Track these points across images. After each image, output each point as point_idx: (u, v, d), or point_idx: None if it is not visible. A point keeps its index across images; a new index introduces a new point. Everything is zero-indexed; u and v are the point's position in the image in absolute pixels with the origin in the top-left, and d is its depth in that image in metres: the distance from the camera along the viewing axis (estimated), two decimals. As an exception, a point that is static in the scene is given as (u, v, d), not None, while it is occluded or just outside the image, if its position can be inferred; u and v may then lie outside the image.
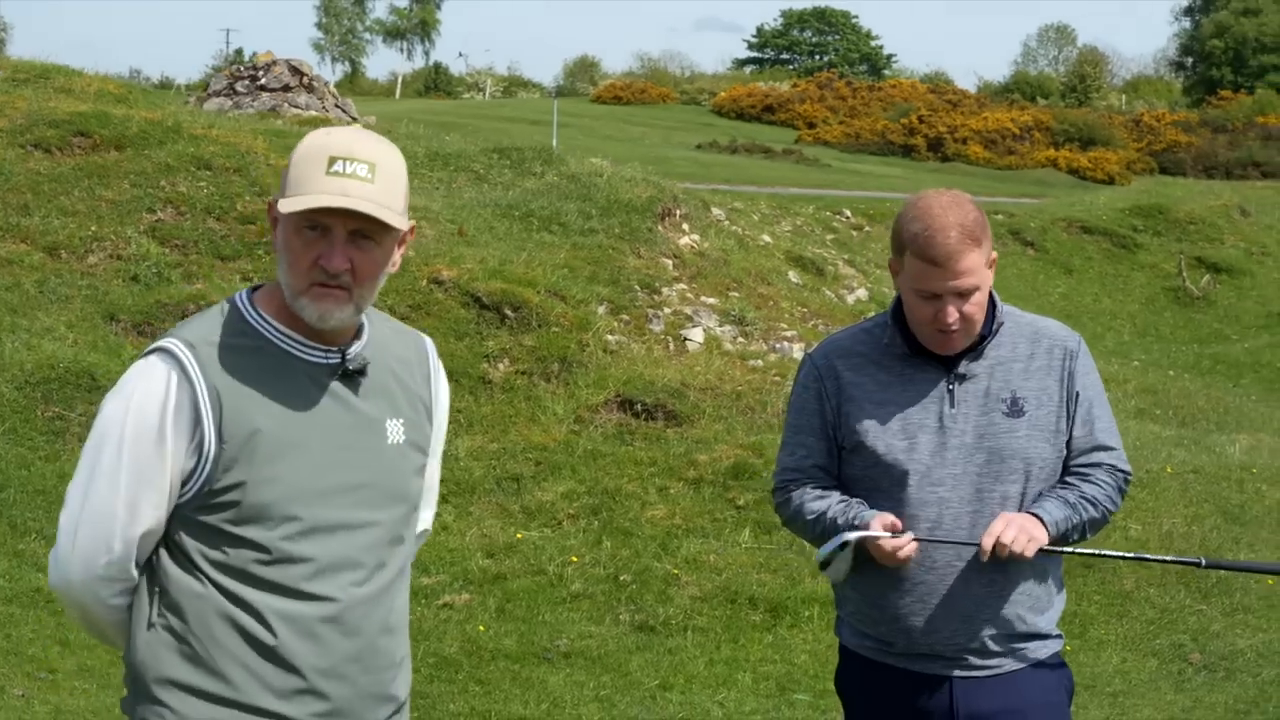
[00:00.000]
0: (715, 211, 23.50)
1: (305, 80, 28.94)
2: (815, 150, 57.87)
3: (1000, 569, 4.94)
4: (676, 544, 13.04)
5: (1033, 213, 36.06)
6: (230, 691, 4.02)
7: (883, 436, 5.00)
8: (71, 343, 14.37)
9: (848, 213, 32.38)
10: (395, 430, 4.22)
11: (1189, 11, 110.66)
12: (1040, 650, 5.09)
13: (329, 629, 4.06)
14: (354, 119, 28.38)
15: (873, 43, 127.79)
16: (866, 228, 31.73)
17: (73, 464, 11.49)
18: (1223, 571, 12.55)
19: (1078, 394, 5.07)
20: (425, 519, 4.56)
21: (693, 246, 19.93)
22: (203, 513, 3.98)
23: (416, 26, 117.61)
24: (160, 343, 4.00)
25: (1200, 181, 51.66)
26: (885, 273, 27.47)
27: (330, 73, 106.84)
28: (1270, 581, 12.34)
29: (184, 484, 3.98)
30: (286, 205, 3.97)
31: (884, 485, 5.00)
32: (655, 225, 19.77)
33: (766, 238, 24.17)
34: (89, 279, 15.69)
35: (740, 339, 17.41)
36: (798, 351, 17.33)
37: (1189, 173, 59.74)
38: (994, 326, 5.02)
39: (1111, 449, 5.12)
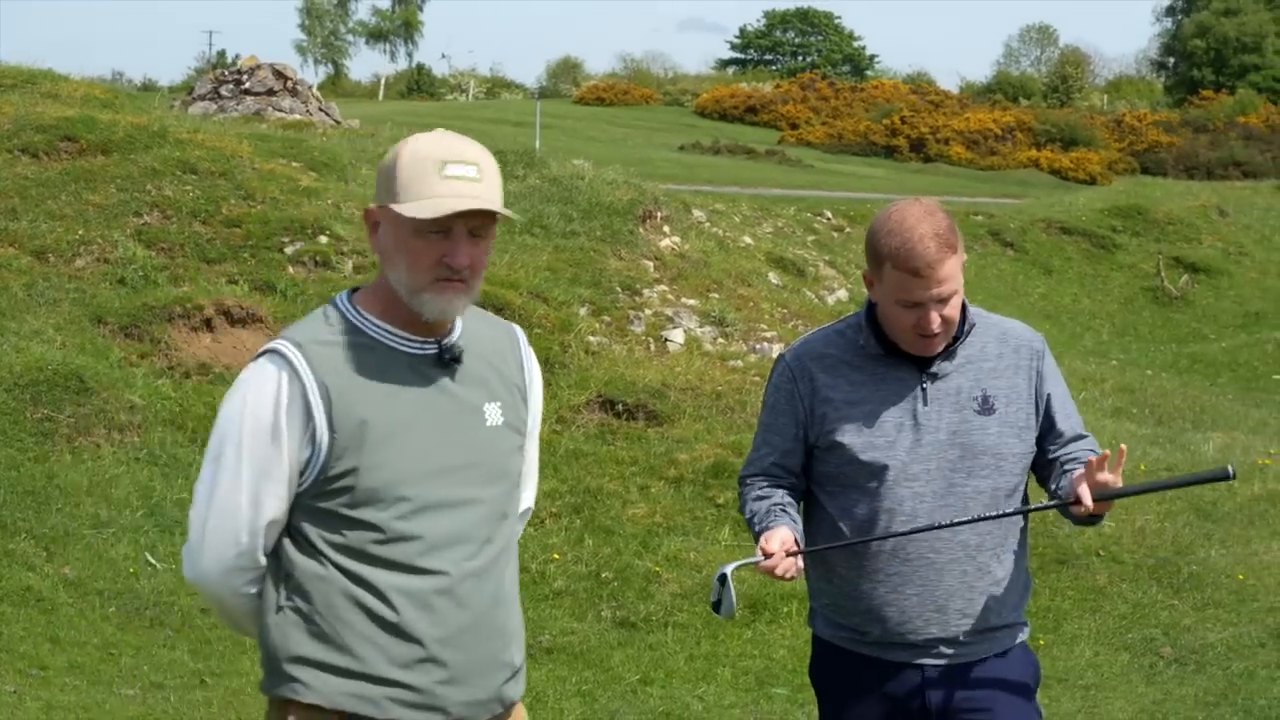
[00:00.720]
0: (696, 213, 23.63)
1: (289, 84, 29.05)
2: (798, 151, 57.98)
3: (972, 561, 5.12)
4: (657, 542, 13.15)
5: (1013, 213, 36.15)
6: (358, 665, 4.28)
7: (860, 435, 5.13)
8: (60, 345, 14.47)
9: (829, 214, 32.47)
10: (493, 413, 4.47)
11: (1170, 11, 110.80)
12: (1009, 639, 5.26)
13: (443, 601, 4.32)
14: (338, 122, 28.48)
15: (855, 43, 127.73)
16: (847, 229, 31.80)
17: (61, 465, 11.65)
18: (1194, 567, 12.74)
19: (1049, 393, 5.23)
20: (527, 498, 4.83)
21: (673, 248, 20.05)
22: (321, 499, 4.24)
23: (399, 28, 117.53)
24: (270, 345, 4.26)
25: (1179, 182, 51.78)
26: (866, 273, 27.62)
27: (313, 75, 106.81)
28: (1241, 576, 12.51)
29: (301, 473, 4.23)
30: (415, 210, 4.23)
31: (860, 481, 5.14)
32: (636, 227, 19.91)
33: (747, 239, 24.29)
34: (76, 282, 15.78)
35: (720, 340, 17.52)
36: (777, 352, 17.44)
37: (1170, 173, 59.90)
38: (966, 328, 5.15)
39: (1089, 436, 5.31)
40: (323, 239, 17.11)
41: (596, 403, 15.37)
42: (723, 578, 5.11)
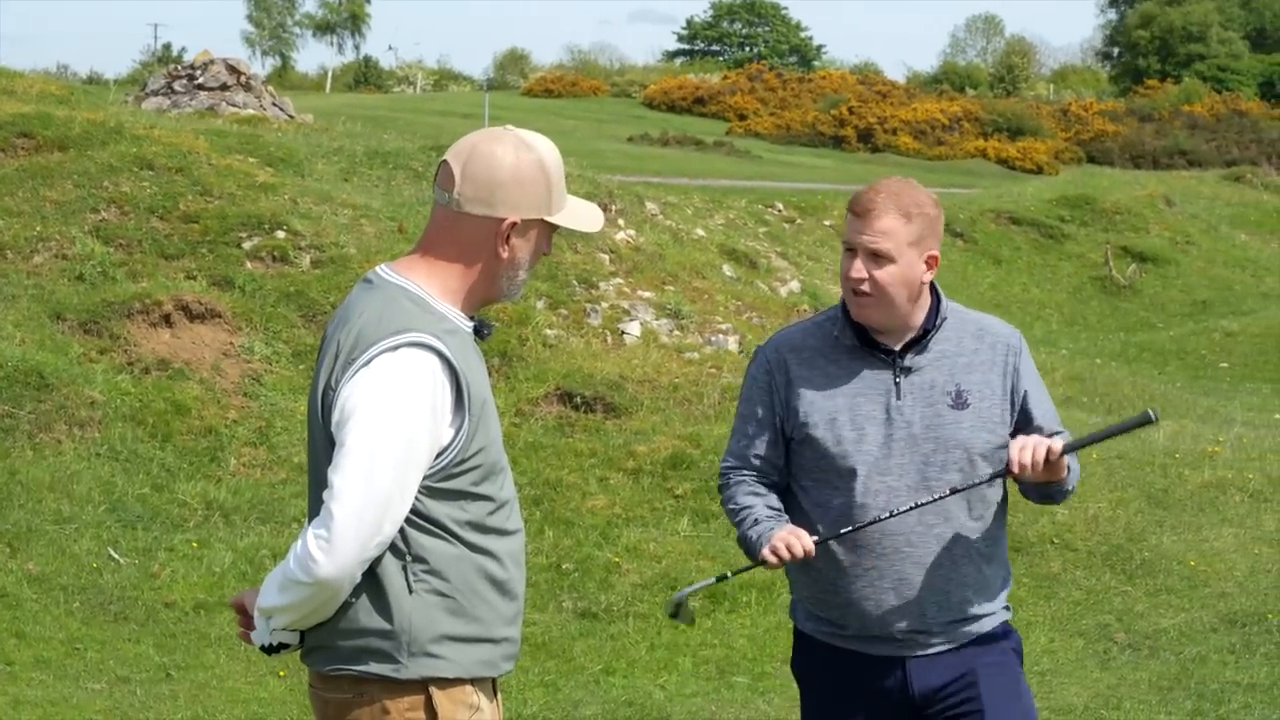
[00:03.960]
0: (650, 206, 23.67)
1: (243, 79, 29.02)
2: (746, 142, 58.12)
3: (947, 555, 5.18)
4: (617, 533, 13.23)
5: (962, 204, 36.29)
6: (483, 630, 4.48)
7: (832, 429, 5.18)
8: (19, 342, 14.46)
9: (780, 205, 32.53)
10: None
11: (1114, 2, 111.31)
12: (987, 624, 5.32)
13: (522, 555, 4.60)
14: (291, 117, 28.48)
15: (802, 34, 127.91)
16: (798, 220, 31.88)
17: (22, 461, 11.66)
18: (1146, 554, 12.91)
19: (1026, 391, 5.27)
20: None
21: (629, 241, 20.11)
22: (449, 480, 4.39)
23: (346, 20, 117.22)
24: (410, 338, 4.35)
25: (1126, 172, 52.04)
26: (817, 265, 27.72)
27: (260, 67, 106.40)
28: (1192, 562, 12.68)
29: (436, 457, 4.37)
30: (584, 224, 4.69)
31: (833, 476, 5.20)
32: (591, 220, 19.94)
33: (700, 231, 24.34)
34: (35, 279, 15.76)
35: (676, 332, 17.58)
36: (733, 344, 17.56)
37: (1116, 162, 60.24)
38: (937, 321, 5.22)
39: (1064, 432, 5.33)
40: (280, 234, 17.13)
41: (554, 395, 15.44)
42: (679, 605, 5.41)
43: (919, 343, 5.22)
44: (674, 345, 17.19)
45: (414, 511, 4.38)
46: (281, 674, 10.63)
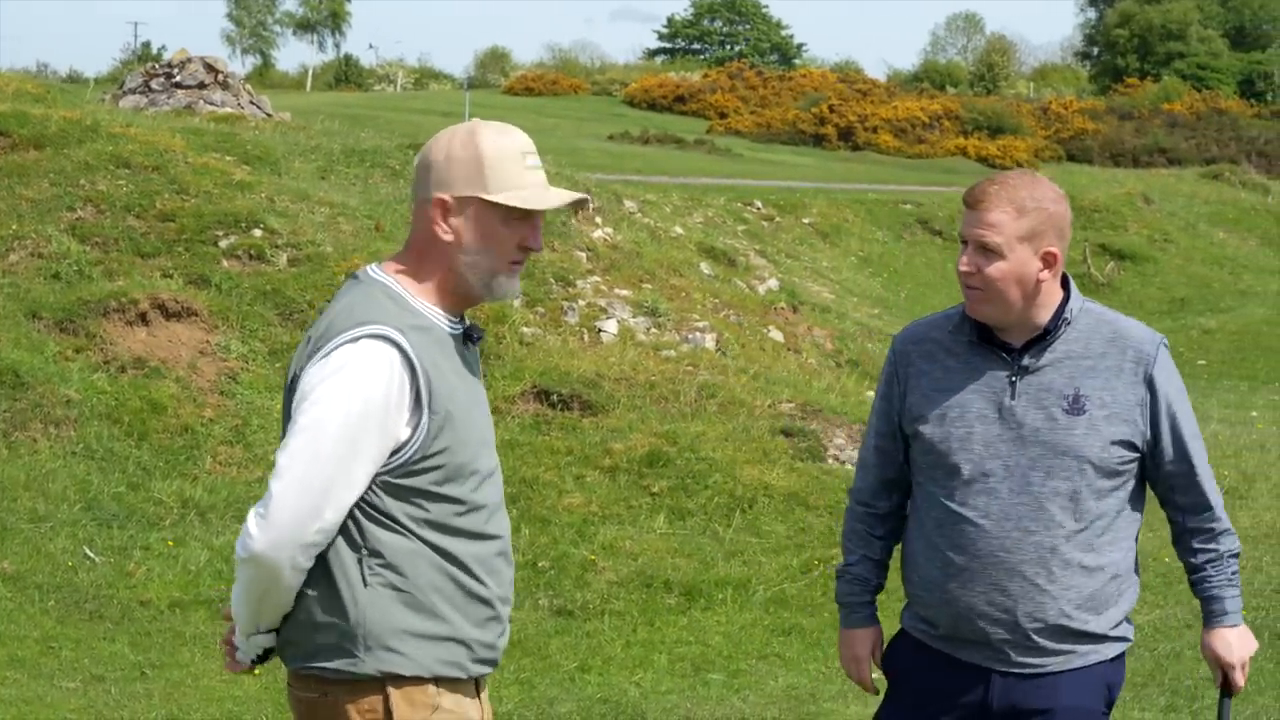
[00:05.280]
0: (628, 204, 23.68)
1: (220, 78, 28.94)
2: (727, 140, 58.01)
3: (1043, 564, 4.98)
4: (593, 531, 13.26)
5: (941, 201, 36.28)
6: (446, 629, 4.48)
7: (941, 425, 5.07)
8: (-5, 340, 14.49)
9: (759, 204, 32.56)
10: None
11: (1094, 1, 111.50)
12: (1090, 654, 5.09)
13: (500, 562, 4.58)
14: (269, 115, 28.43)
15: (783, 32, 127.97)
16: (777, 218, 31.92)
17: (-1, 459, 11.53)
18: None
19: (1160, 407, 5.05)
20: None
21: (606, 239, 20.12)
22: (408, 477, 4.40)
23: (326, 18, 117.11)
24: (370, 330, 4.36)
25: (1105, 170, 52.16)
26: (796, 263, 27.77)
27: (240, 66, 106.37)
28: (1167, 559, 12.69)
29: (394, 454, 4.38)
30: (526, 200, 4.51)
31: (939, 475, 5.09)
32: (569, 218, 19.96)
33: (679, 229, 24.35)
34: (11, 277, 15.73)
35: (653, 330, 17.58)
36: (709, 342, 17.58)
37: (1096, 160, 60.30)
38: (1059, 322, 5.01)
39: (1201, 491, 5.17)
40: (257, 232, 17.12)
41: (531, 393, 15.43)
42: None
43: (1040, 341, 5.03)
44: (651, 343, 17.19)
45: (370, 505, 4.40)
46: (256, 673, 10.61)
